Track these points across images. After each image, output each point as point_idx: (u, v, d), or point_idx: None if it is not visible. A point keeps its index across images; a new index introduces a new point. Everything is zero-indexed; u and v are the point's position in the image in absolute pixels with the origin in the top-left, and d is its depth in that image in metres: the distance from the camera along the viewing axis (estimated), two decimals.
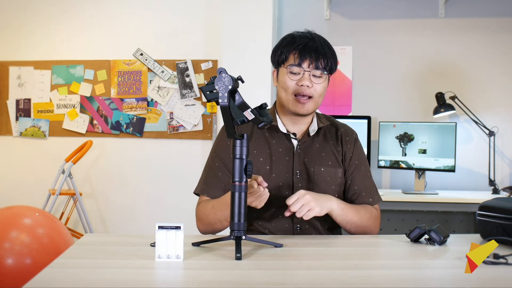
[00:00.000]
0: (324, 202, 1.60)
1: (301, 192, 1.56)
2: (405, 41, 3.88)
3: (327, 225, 1.76)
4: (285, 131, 1.74)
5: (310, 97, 1.68)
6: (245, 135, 1.39)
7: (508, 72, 3.79)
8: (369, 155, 3.55)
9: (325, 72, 1.67)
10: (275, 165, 1.72)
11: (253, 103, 1.46)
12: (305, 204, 1.53)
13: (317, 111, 1.83)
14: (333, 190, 1.75)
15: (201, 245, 1.43)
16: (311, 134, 1.76)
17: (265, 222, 1.72)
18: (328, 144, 1.78)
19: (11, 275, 2.31)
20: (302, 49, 1.66)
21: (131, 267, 1.23)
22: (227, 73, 1.35)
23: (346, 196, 1.80)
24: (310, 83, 1.66)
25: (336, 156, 1.77)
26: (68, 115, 4.19)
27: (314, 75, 1.67)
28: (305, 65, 1.66)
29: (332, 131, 1.81)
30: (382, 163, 3.65)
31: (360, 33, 3.90)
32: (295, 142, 1.75)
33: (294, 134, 1.75)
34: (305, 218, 1.55)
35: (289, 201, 1.53)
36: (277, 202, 1.69)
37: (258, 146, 1.74)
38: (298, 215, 1.53)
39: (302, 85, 1.66)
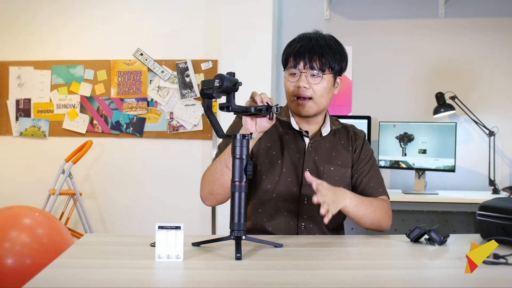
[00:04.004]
0: (338, 202, 1.51)
1: (326, 191, 1.46)
2: (405, 41, 3.88)
3: (331, 226, 1.76)
4: (297, 129, 1.76)
5: (310, 98, 1.68)
6: (247, 135, 1.40)
7: (508, 72, 3.79)
8: None
9: (322, 72, 1.66)
10: (286, 160, 1.73)
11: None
12: (325, 202, 1.46)
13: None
14: None
15: (201, 245, 1.43)
16: (324, 135, 1.77)
17: (270, 218, 1.73)
18: (339, 144, 1.79)
19: (11, 275, 2.31)
20: (297, 51, 1.67)
21: (131, 267, 1.23)
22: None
23: (355, 188, 1.78)
24: (307, 84, 1.66)
25: (346, 156, 1.78)
26: (68, 115, 4.19)
27: (312, 75, 1.67)
28: (300, 66, 1.66)
29: (343, 132, 1.83)
30: (382, 163, 3.65)
31: (360, 33, 3.90)
32: (307, 140, 1.76)
33: (307, 132, 1.77)
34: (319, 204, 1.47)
35: (321, 191, 1.44)
36: (284, 197, 1.71)
37: (271, 139, 1.76)
38: (315, 201, 1.44)
39: (299, 87, 1.67)
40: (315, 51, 1.66)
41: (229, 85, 1.37)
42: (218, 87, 1.36)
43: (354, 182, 1.79)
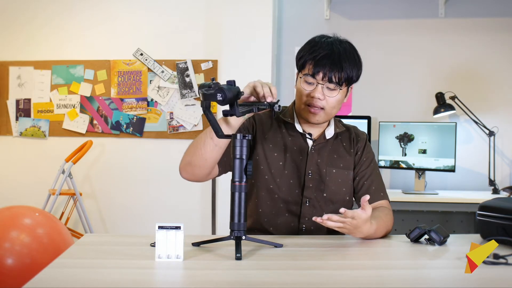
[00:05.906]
0: (352, 233, 1.52)
1: (357, 220, 1.46)
2: (405, 41, 3.88)
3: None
4: (301, 131, 1.75)
5: (322, 108, 1.66)
6: (248, 135, 1.40)
7: (508, 72, 3.79)
8: None
9: (339, 87, 1.64)
10: (289, 162, 1.73)
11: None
12: (345, 228, 1.47)
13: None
14: (344, 192, 1.75)
15: (201, 245, 1.43)
16: (327, 138, 1.76)
17: (271, 218, 1.73)
18: (341, 146, 1.79)
19: (11, 275, 2.31)
20: (318, 60, 1.62)
21: (131, 267, 1.23)
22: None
23: (357, 192, 1.78)
24: (322, 96, 1.64)
25: (348, 158, 1.78)
26: (68, 115, 4.19)
27: (328, 88, 1.64)
28: (318, 77, 1.63)
29: (346, 134, 1.82)
30: (382, 163, 3.65)
31: (360, 33, 3.90)
32: (310, 142, 1.75)
33: (310, 134, 1.76)
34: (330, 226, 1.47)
35: (347, 213, 1.44)
36: (285, 199, 1.71)
37: (274, 140, 1.75)
38: (326, 222, 1.44)
39: (313, 97, 1.64)
40: (335, 64, 1.61)
41: (231, 96, 1.36)
42: (222, 101, 1.35)
43: (356, 185, 1.78)
